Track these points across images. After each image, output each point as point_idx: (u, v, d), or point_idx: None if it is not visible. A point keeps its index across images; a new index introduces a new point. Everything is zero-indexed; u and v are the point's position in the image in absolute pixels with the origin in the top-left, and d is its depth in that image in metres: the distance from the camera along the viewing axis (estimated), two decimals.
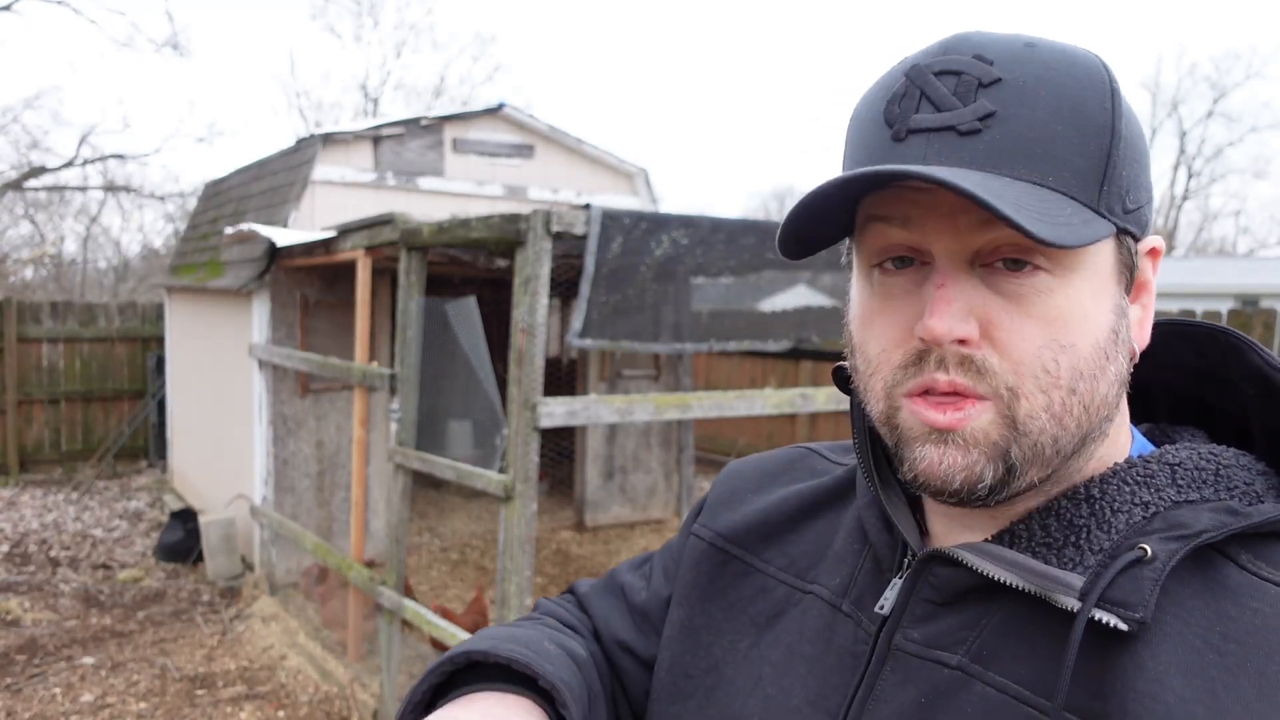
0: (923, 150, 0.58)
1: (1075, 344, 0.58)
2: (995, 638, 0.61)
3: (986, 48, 0.59)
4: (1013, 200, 0.53)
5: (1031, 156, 0.56)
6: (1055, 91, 0.57)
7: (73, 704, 4.48)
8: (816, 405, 4.07)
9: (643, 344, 3.85)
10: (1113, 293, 0.60)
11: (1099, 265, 0.59)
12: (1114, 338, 0.60)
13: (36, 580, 6.31)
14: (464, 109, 7.38)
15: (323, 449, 6.24)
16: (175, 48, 18.20)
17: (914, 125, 0.59)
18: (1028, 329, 0.58)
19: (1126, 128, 0.59)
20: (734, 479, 0.90)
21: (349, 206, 6.51)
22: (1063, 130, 0.57)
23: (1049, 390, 0.58)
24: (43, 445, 9.67)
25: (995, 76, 0.58)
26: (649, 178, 8.05)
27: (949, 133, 0.58)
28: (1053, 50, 0.59)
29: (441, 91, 26.10)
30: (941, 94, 0.58)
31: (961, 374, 0.58)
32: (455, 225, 3.75)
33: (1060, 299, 0.58)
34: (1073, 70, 0.58)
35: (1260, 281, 23.47)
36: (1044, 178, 0.56)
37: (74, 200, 20.65)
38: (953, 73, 0.59)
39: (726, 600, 0.81)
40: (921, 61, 0.60)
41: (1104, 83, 0.58)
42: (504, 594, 3.34)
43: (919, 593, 0.66)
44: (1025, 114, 0.57)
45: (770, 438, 10.00)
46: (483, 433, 6.47)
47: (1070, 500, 0.62)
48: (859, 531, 0.75)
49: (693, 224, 3.67)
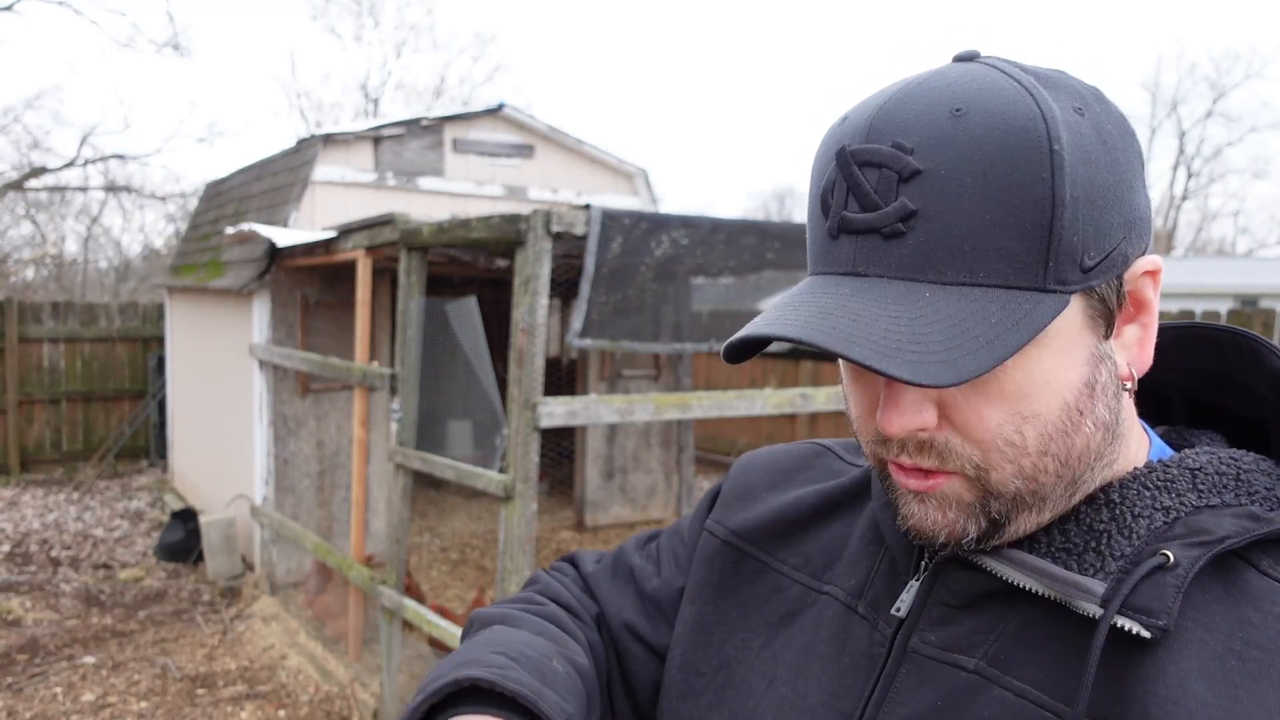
0: (851, 252, 0.57)
1: (1039, 413, 0.57)
2: (1013, 642, 0.61)
3: (908, 130, 0.55)
4: (916, 336, 0.52)
5: (958, 255, 0.54)
6: (981, 175, 0.53)
7: (74, 703, 4.48)
8: (816, 405, 4.07)
9: (643, 344, 3.86)
10: (1085, 345, 0.58)
11: (1060, 329, 0.56)
12: (1088, 390, 0.58)
13: (37, 580, 6.32)
14: (464, 109, 7.39)
15: (323, 449, 6.24)
16: (176, 48, 18.23)
17: (844, 225, 0.57)
18: (985, 409, 0.57)
19: (1074, 185, 0.54)
20: (748, 474, 0.90)
21: (349, 207, 6.52)
22: (991, 219, 0.53)
23: (1017, 460, 0.58)
24: (44, 445, 9.68)
25: (914, 169, 0.54)
26: (649, 178, 8.06)
27: (874, 236, 0.56)
28: (982, 117, 0.54)
29: (442, 92, 26.12)
30: (864, 190, 0.56)
31: (923, 458, 0.60)
32: (455, 225, 3.75)
33: (1017, 374, 0.56)
34: (1005, 141, 0.54)
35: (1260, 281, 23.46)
36: (974, 275, 0.54)
37: (75, 200, 20.68)
38: (874, 165, 0.56)
39: (740, 598, 0.81)
40: (849, 145, 0.58)
41: (1040, 145, 0.54)
42: (504, 594, 3.34)
43: (936, 595, 0.66)
44: (950, 208, 0.54)
45: (770, 438, 10.01)
46: (483, 433, 6.47)
47: (1090, 505, 0.62)
48: (874, 533, 0.75)
49: (693, 224, 3.67)
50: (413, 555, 6.60)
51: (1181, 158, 33.56)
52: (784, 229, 4.00)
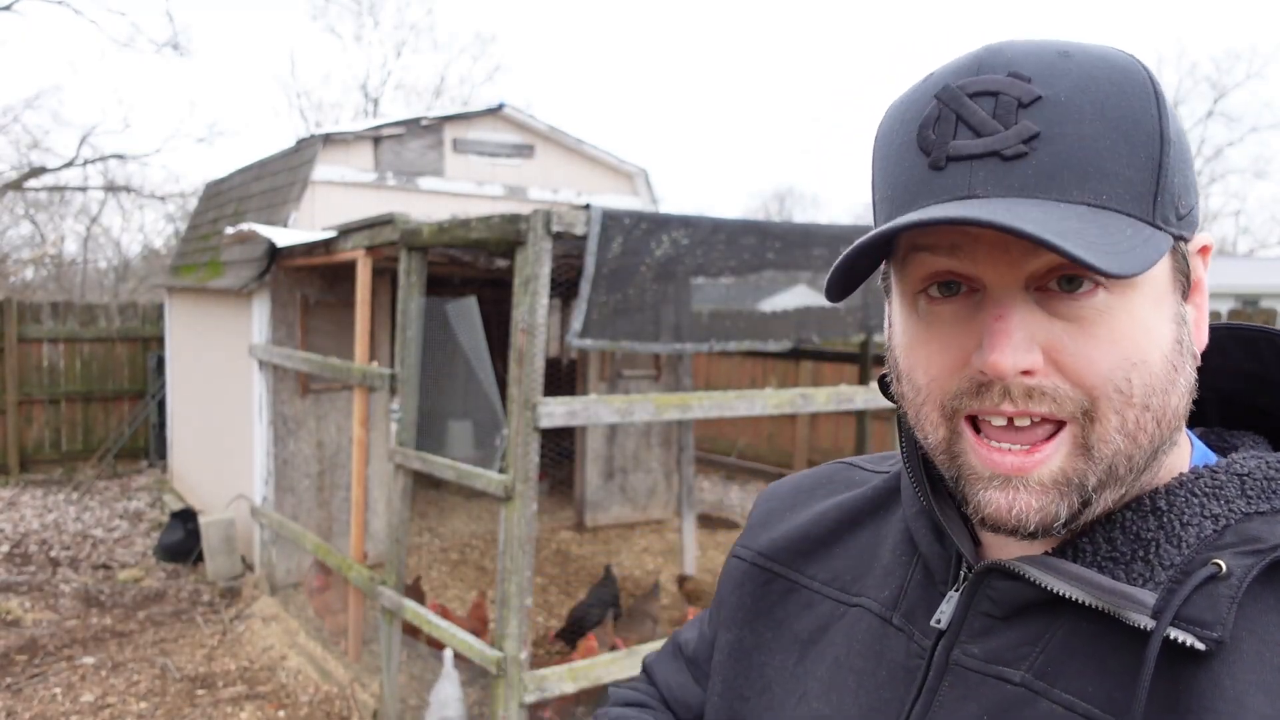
0: (966, 179, 0.56)
1: (1146, 360, 0.56)
2: (1060, 654, 0.59)
3: (1021, 62, 0.56)
4: (1074, 232, 0.51)
5: (1083, 176, 0.54)
6: (1099, 103, 0.54)
7: (73, 704, 4.48)
8: (816, 405, 4.07)
9: (643, 344, 3.85)
10: (1172, 301, 0.58)
11: (1157, 276, 0.57)
12: (1179, 348, 0.58)
13: (37, 580, 6.31)
14: (464, 109, 7.38)
15: (323, 449, 6.24)
16: (176, 48, 18.23)
17: (953, 152, 0.56)
18: (1095, 351, 0.56)
19: (1174, 131, 0.56)
20: (770, 500, 0.90)
21: (349, 207, 6.51)
22: (1111, 144, 0.54)
23: (1123, 410, 0.56)
24: (43, 445, 9.68)
25: (1035, 94, 0.55)
26: (649, 178, 8.05)
27: (993, 159, 0.55)
28: (1090, 57, 0.56)
29: (441, 92, 26.11)
30: (980, 117, 0.55)
31: (1030, 404, 0.56)
32: (455, 225, 3.75)
33: (1123, 317, 0.56)
34: (1114, 78, 0.55)
35: (1260, 281, 23.47)
36: (1098, 197, 0.54)
37: (74, 200, 20.66)
38: (989, 93, 0.56)
39: (774, 619, 0.80)
40: (953, 81, 0.57)
41: (1147, 87, 0.56)
42: (504, 594, 3.34)
43: (977, 606, 0.64)
44: (1071, 131, 0.54)
45: (770, 438, 10.00)
46: (483, 433, 6.47)
47: (1136, 513, 0.60)
48: (907, 542, 0.74)
49: (693, 224, 3.67)
50: (413, 555, 6.59)
51: None
52: (784, 229, 3.99)
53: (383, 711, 4.19)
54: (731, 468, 10.09)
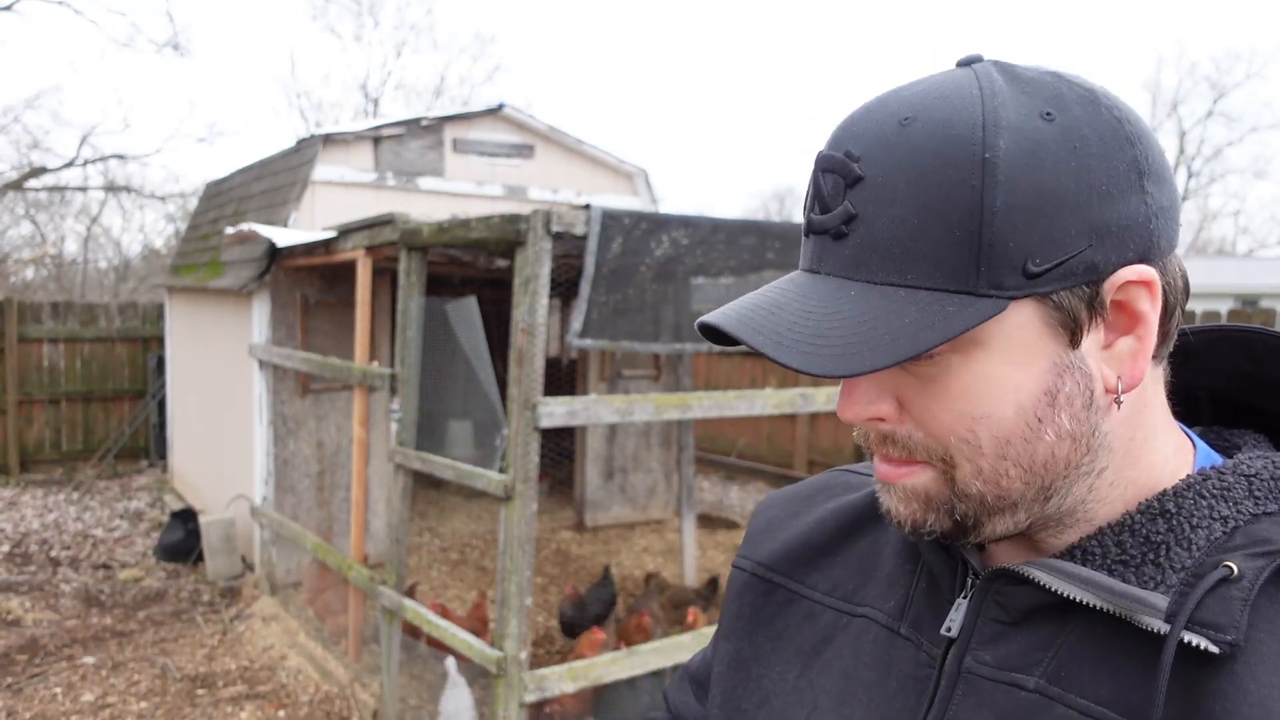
0: (815, 251, 0.61)
1: (990, 414, 0.58)
2: (1073, 658, 0.60)
3: (859, 139, 0.59)
4: (839, 322, 0.56)
5: (889, 258, 0.56)
6: (914, 181, 0.55)
7: (73, 704, 4.48)
8: (816, 405, 4.07)
9: (643, 344, 3.86)
10: (1045, 353, 0.57)
11: (1012, 333, 0.56)
12: (1048, 399, 0.58)
13: (37, 580, 6.32)
14: (464, 109, 7.39)
15: (323, 449, 6.24)
16: (176, 48, 18.23)
17: (811, 225, 0.61)
18: (935, 405, 0.59)
19: (1007, 195, 0.54)
20: (770, 509, 0.90)
21: (349, 207, 6.51)
22: (920, 223, 0.55)
23: (975, 459, 0.59)
24: (43, 445, 9.68)
25: (857, 175, 0.58)
26: (649, 178, 8.06)
27: (825, 236, 0.59)
28: (925, 126, 0.56)
29: (441, 91, 26.12)
30: (824, 194, 0.60)
31: (885, 447, 0.62)
32: (455, 225, 3.75)
33: (964, 375, 0.58)
34: (940, 150, 0.55)
35: (1260, 281, 23.47)
36: (903, 277, 0.56)
37: (75, 200, 20.66)
38: (831, 170, 0.59)
39: (774, 630, 0.80)
40: (822, 151, 0.62)
41: (972, 155, 0.54)
42: (504, 594, 3.34)
43: (986, 612, 0.64)
44: (884, 213, 0.56)
45: (770, 438, 10.00)
46: (483, 433, 6.47)
47: (1144, 515, 0.60)
48: (909, 549, 0.74)
49: (693, 224, 3.67)
50: (413, 555, 6.59)
51: (1182, 158, 33.58)
52: (784, 229, 4.00)
53: (383, 711, 4.19)
54: (731, 468, 10.10)
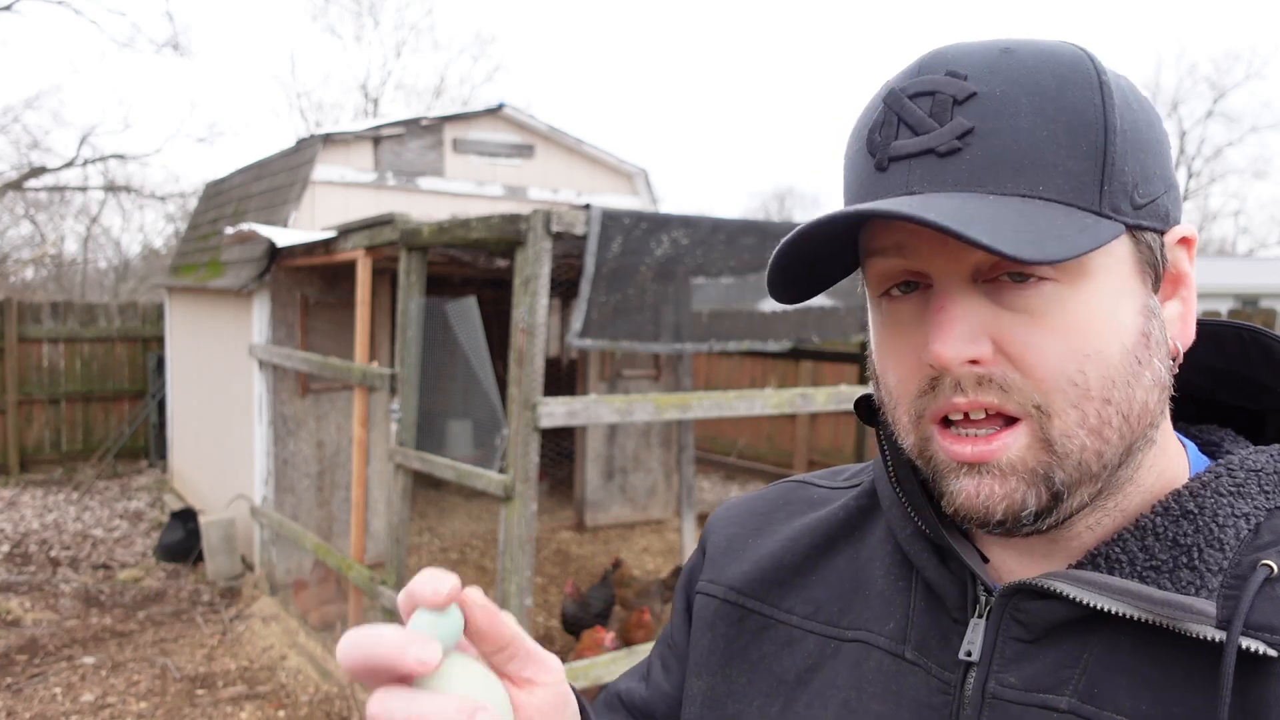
0: (905, 177, 0.56)
1: (1100, 351, 0.55)
2: (1104, 673, 0.57)
3: (960, 62, 0.56)
4: (989, 221, 0.50)
5: (1017, 169, 0.54)
6: (1036, 95, 0.54)
7: (73, 704, 4.48)
8: (816, 405, 4.07)
9: (643, 344, 3.86)
10: (1137, 293, 0.57)
11: (1115, 266, 0.56)
12: (1144, 340, 0.56)
13: (37, 580, 6.31)
14: (464, 109, 7.39)
15: (323, 449, 6.24)
16: (176, 48, 18.24)
17: (894, 152, 0.57)
18: (1045, 342, 0.54)
19: (1122, 119, 0.55)
20: (728, 525, 0.82)
21: (349, 207, 6.51)
22: (1048, 135, 0.54)
23: (1081, 404, 0.55)
24: (43, 445, 9.68)
25: (970, 91, 0.55)
26: (649, 178, 8.06)
27: (928, 156, 0.56)
28: (1032, 52, 0.56)
29: (442, 92, 26.11)
30: (917, 116, 0.56)
31: (981, 393, 0.55)
32: (455, 225, 3.75)
33: (1075, 307, 0.54)
34: (1055, 70, 0.55)
35: (1260, 281, 23.48)
36: (1033, 189, 0.54)
37: (74, 200, 20.66)
38: (927, 93, 0.56)
39: (748, 661, 0.74)
40: (897, 85, 0.58)
41: (1089, 76, 0.55)
42: (504, 594, 3.34)
43: (1006, 631, 0.60)
44: (1006, 125, 0.54)
45: (770, 438, 10.00)
46: (483, 433, 6.47)
47: (1166, 517, 0.58)
48: (900, 565, 0.69)
49: (693, 224, 3.67)
50: (412, 555, 6.59)
51: (1182, 158, 33.59)
52: (784, 229, 4.00)
53: None
54: (731, 468, 10.10)
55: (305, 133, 11.58)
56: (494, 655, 0.54)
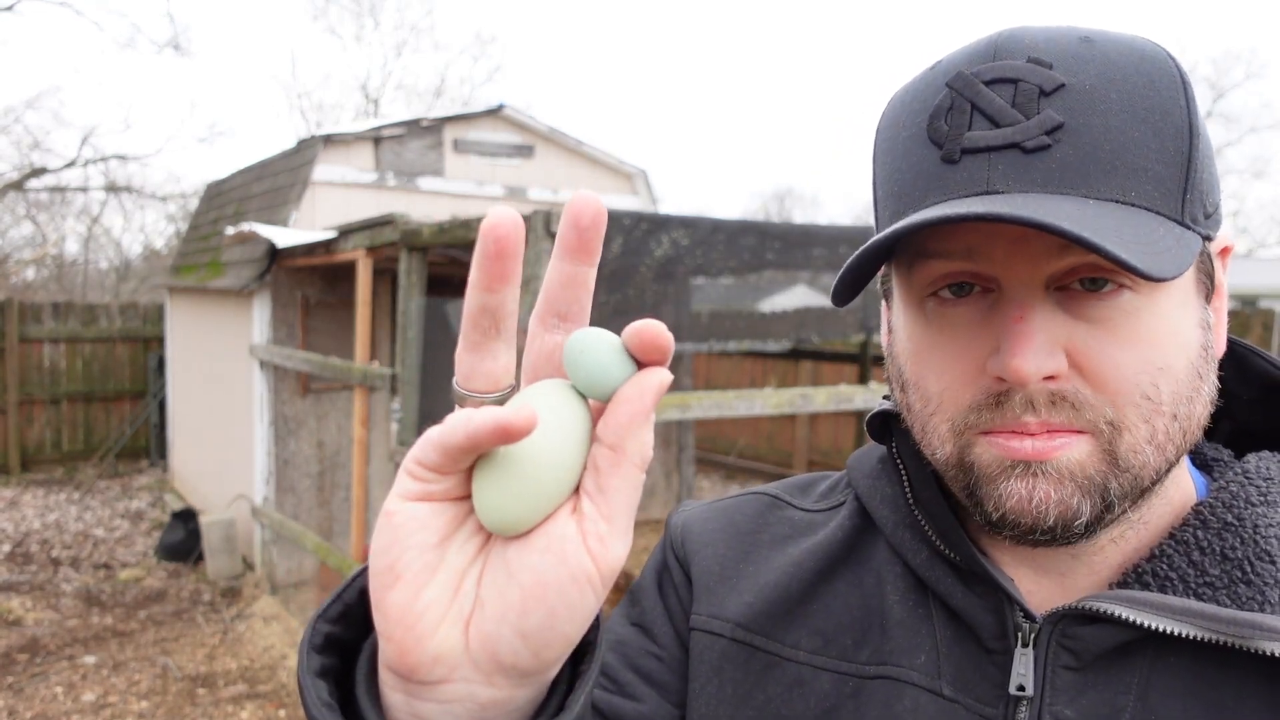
0: (984, 172, 0.51)
1: (1171, 364, 0.52)
2: (1158, 698, 0.54)
3: (1042, 48, 0.52)
4: (1111, 230, 0.47)
5: (1111, 171, 0.50)
6: (1127, 93, 0.50)
7: (74, 703, 4.49)
8: (816, 405, 4.08)
9: None
10: (1196, 305, 0.54)
11: (1184, 278, 0.53)
12: (1204, 354, 0.54)
13: (38, 580, 6.32)
14: (464, 109, 7.40)
15: (323, 449, 6.25)
16: (176, 48, 18.28)
17: (969, 144, 0.52)
18: (1122, 355, 0.51)
19: (1202, 124, 0.52)
20: (711, 545, 0.74)
21: (349, 207, 6.52)
22: (1140, 137, 0.50)
23: (1152, 419, 0.52)
24: (44, 445, 9.69)
25: (1058, 82, 0.50)
26: (649, 178, 8.07)
27: (1013, 151, 0.50)
28: (1114, 45, 0.52)
29: (442, 92, 26.12)
30: (998, 106, 0.51)
31: (1054, 413, 0.52)
32: (455, 226, 3.76)
33: (1149, 318, 0.51)
34: (1140, 66, 0.51)
35: (1260, 281, 23.47)
36: (1126, 194, 0.50)
37: (75, 201, 20.66)
38: (1007, 80, 0.51)
39: (754, 705, 0.66)
40: (967, 68, 0.53)
41: (1174, 75, 0.52)
42: None
43: (1057, 660, 0.56)
44: (1098, 122, 0.50)
45: (770, 438, 10.01)
46: None
47: (1207, 531, 0.56)
48: (915, 590, 0.64)
49: (693, 224, 3.68)
50: None
51: None
52: (784, 229, 4.01)
53: None
54: (731, 468, 10.11)
55: (306, 133, 11.62)
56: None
